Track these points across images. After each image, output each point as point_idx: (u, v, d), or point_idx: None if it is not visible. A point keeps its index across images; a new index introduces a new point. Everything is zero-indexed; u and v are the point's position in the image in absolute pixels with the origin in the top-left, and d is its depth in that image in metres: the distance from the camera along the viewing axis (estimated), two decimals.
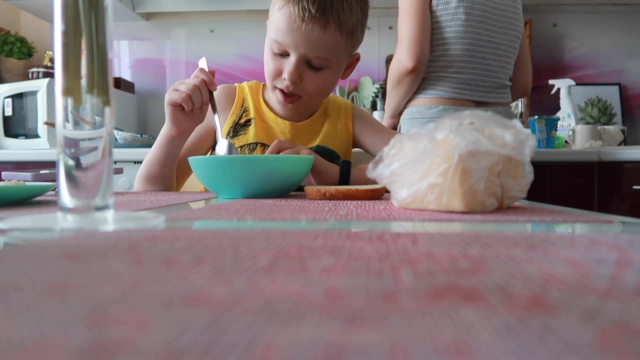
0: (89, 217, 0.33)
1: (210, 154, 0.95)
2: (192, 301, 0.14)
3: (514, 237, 0.26)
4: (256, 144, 0.88)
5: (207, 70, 0.77)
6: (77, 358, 0.10)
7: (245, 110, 0.92)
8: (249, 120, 0.90)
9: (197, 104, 0.75)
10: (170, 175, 0.85)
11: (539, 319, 0.12)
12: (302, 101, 0.85)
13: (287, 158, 0.64)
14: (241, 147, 0.89)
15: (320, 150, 0.86)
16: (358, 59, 0.89)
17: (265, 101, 0.93)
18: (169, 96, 0.75)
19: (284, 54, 0.80)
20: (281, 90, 0.83)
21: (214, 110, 0.78)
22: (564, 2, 2.12)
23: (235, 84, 0.97)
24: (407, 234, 0.27)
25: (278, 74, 0.82)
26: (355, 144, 0.98)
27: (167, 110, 0.77)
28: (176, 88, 0.75)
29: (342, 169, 0.82)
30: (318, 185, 0.71)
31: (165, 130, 0.81)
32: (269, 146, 0.87)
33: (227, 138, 0.89)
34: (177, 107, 0.76)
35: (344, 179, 0.82)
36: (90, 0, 0.32)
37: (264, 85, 0.94)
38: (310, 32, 0.76)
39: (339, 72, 0.86)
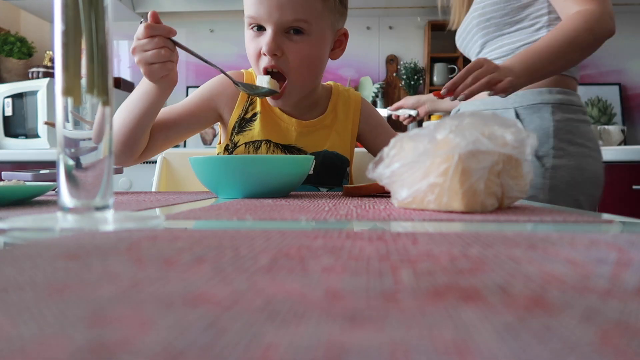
0: (89, 217, 0.33)
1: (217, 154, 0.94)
2: (192, 301, 0.14)
3: (514, 237, 0.26)
4: (261, 141, 0.85)
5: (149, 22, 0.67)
6: (77, 358, 0.10)
7: (251, 103, 0.87)
8: (254, 115, 0.86)
9: (169, 58, 0.69)
10: (141, 136, 0.77)
11: (539, 319, 0.12)
12: (290, 86, 0.79)
13: (287, 158, 0.64)
14: (246, 144, 0.85)
15: (328, 156, 0.84)
16: (346, 34, 0.84)
17: None
18: (145, 67, 0.68)
19: (262, 29, 0.76)
20: (266, 70, 0.77)
21: (190, 51, 0.72)
22: None
23: (242, 70, 0.91)
24: (407, 234, 0.27)
25: (259, 53, 0.77)
26: (358, 139, 0.94)
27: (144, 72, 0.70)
28: (149, 62, 0.68)
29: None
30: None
31: (144, 85, 0.74)
32: (274, 144, 0.84)
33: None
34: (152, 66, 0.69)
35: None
36: (90, 0, 0.32)
37: None
38: None
39: (323, 42, 0.80)
